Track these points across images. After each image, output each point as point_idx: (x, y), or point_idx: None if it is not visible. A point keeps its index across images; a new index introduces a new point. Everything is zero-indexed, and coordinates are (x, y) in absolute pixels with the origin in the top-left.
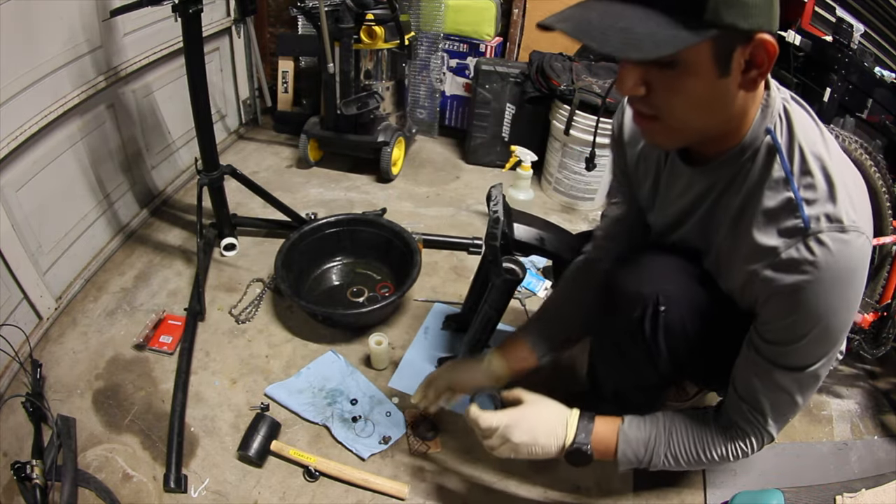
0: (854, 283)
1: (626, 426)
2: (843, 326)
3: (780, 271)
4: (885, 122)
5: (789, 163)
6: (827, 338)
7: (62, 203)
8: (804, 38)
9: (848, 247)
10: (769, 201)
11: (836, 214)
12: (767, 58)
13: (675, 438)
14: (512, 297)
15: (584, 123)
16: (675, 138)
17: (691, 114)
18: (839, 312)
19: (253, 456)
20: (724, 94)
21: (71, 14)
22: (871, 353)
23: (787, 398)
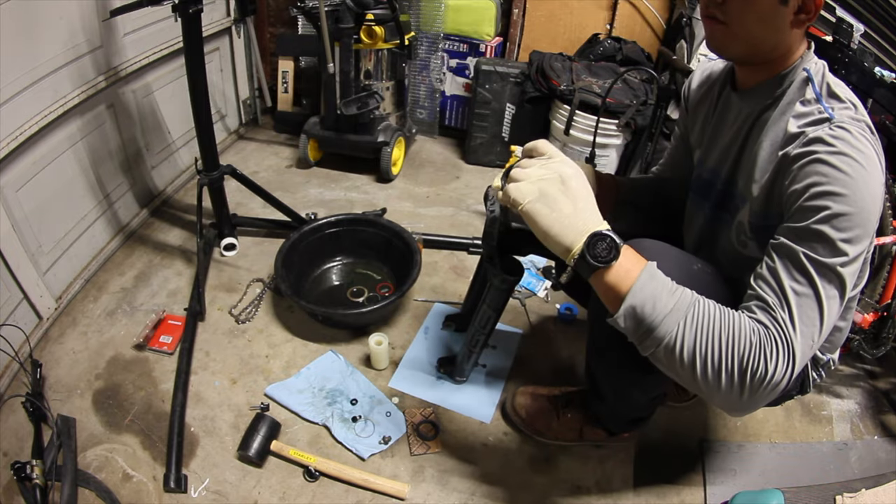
0: (872, 169)
1: (653, 265)
2: (864, 213)
3: (807, 146)
4: (885, 122)
5: (820, 90)
6: (848, 222)
7: (62, 203)
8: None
9: (868, 136)
10: (801, 109)
11: (859, 117)
12: (815, 7)
13: (703, 305)
14: (510, 296)
15: (584, 123)
16: (736, 45)
17: (754, 25)
18: (859, 191)
19: (253, 456)
20: (781, 19)
21: (71, 14)
22: (871, 353)
23: (809, 291)
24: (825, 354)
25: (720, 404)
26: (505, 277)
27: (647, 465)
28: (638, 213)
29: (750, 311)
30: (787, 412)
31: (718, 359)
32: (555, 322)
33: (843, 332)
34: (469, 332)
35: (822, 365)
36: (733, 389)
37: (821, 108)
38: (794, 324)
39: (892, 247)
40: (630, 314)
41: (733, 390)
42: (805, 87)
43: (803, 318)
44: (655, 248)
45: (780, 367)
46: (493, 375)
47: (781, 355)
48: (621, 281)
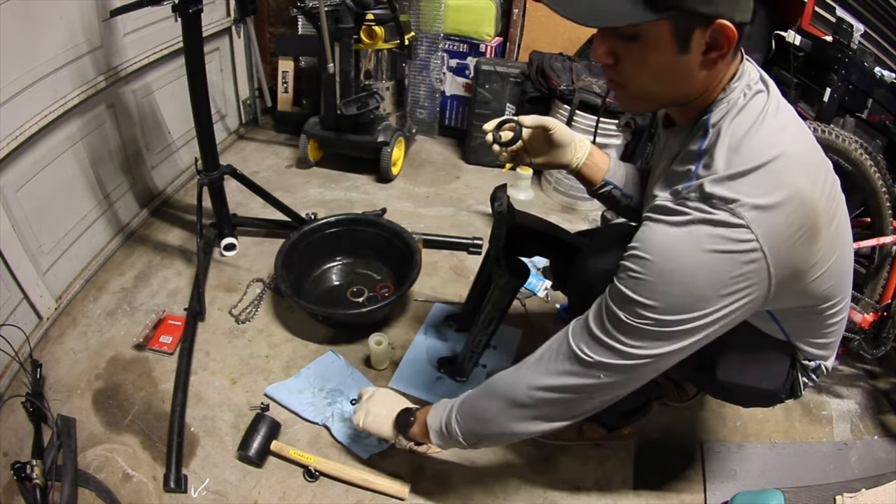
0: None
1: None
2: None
3: (649, 212)
4: (885, 122)
5: (707, 142)
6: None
7: (62, 203)
8: (804, 38)
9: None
10: (678, 167)
11: (709, 192)
12: (727, 41)
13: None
14: (515, 297)
15: (584, 123)
16: (639, 104)
17: (652, 84)
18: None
19: (253, 456)
20: (684, 69)
21: (71, 14)
22: (871, 353)
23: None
24: (814, 360)
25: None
26: (511, 279)
27: (647, 465)
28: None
29: None
30: (787, 412)
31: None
32: (555, 322)
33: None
34: (472, 332)
35: (811, 370)
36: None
37: (690, 170)
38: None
39: (891, 247)
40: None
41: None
42: (697, 135)
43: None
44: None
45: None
46: (493, 375)
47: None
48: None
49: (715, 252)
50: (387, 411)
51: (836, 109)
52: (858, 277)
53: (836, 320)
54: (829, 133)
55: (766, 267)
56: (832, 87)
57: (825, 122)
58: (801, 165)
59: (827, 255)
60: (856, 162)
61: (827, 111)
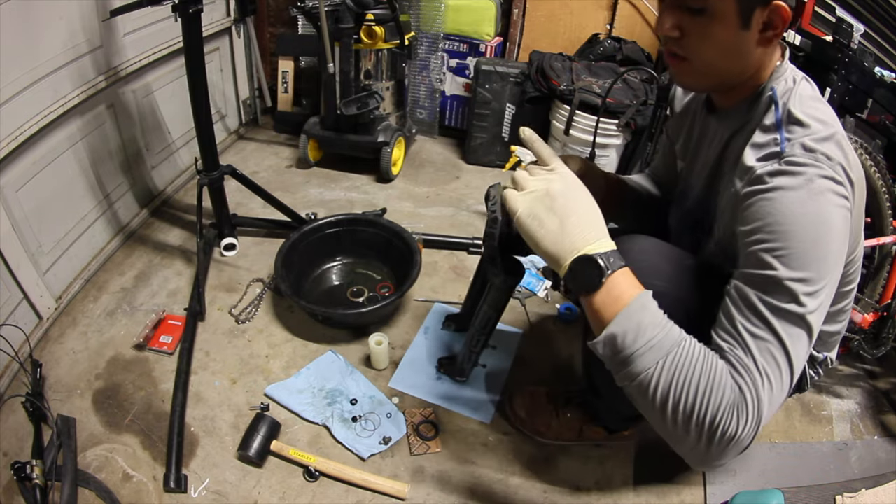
0: (823, 206)
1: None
2: (815, 250)
3: (753, 184)
4: (885, 122)
5: (782, 114)
6: (798, 261)
7: (62, 203)
8: (804, 38)
9: (819, 170)
10: (759, 138)
11: (813, 146)
12: (782, 21)
13: (688, 347)
14: (511, 296)
15: (584, 123)
16: (700, 80)
17: (716, 58)
18: (808, 231)
19: (253, 456)
20: (744, 44)
21: (71, 14)
22: (871, 353)
23: (773, 340)
24: (821, 353)
25: (684, 454)
26: (506, 278)
27: (647, 465)
28: (639, 211)
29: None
30: (787, 412)
31: (691, 408)
32: (555, 322)
33: (839, 333)
34: (469, 333)
35: (819, 363)
36: (700, 442)
37: (777, 139)
38: (764, 382)
39: (892, 247)
40: (609, 342)
41: (700, 443)
42: (768, 110)
43: (771, 372)
44: (648, 243)
45: (748, 428)
46: (493, 375)
47: (751, 416)
48: (607, 307)
49: (836, 207)
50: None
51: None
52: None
53: (847, 308)
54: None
55: (850, 227)
56: (832, 87)
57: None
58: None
59: (861, 233)
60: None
61: None
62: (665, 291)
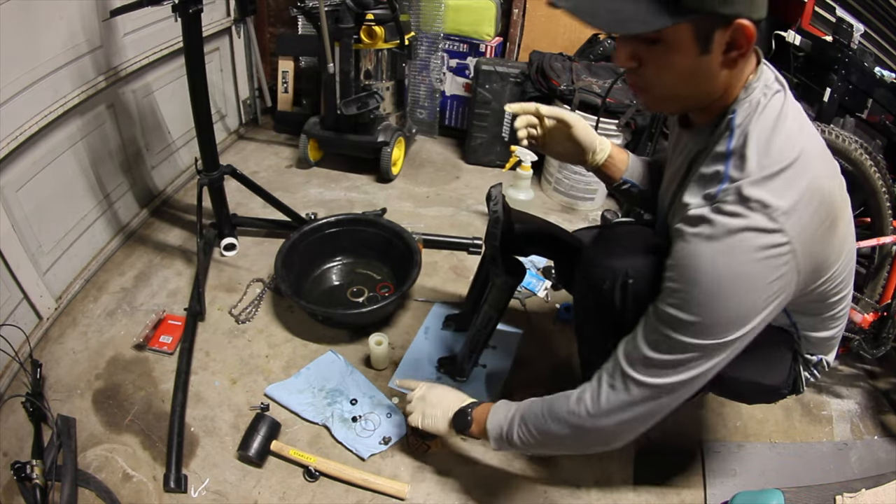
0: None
1: (498, 404)
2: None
3: (682, 223)
4: (885, 122)
5: (735, 142)
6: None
7: (62, 203)
8: (804, 38)
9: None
10: (706, 169)
11: (748, 194)
12: (746, 41)
13: (530, 408)
14: (512, 296)
15: None
16: (664, 106)
17: (677, 86)
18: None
19: (253, 456)
20: (706, 69)
21: (71, 14)
22: (871, 353)
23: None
24: (815, 355)
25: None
26: (507, 278)
27: (647, 465)
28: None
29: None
30: (787, 412)
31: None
32: (555, 322)
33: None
34: (470, 332)
35: (813, 365)
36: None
37: (720, 173)
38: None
39: (892, 247)
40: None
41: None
42: (724, 135)
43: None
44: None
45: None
46: (493, 375)
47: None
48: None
49: (757, 261)
50: (442, 411)
51: (836, 109)
52: (858, 277)
53: (841, 314)
54: (829, 133)
55: (796, 266)
56: (832, 87)
57: (825, 122)
58: (820, 160)
59: (842, 248)
60: (856, 162)
61: (827, 111)
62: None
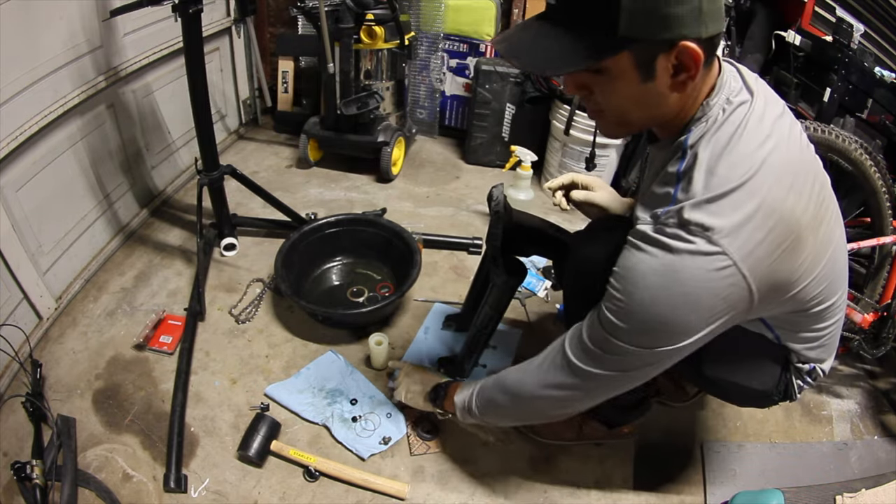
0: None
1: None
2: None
3: (631, 234)
4: (885, 122)
5: (686, 164)
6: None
7: (62, 203)
8: (804, 38)
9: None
10: (658, 189)
11: (688, 218)
12: (693, 63)
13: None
14: (513, 297)
15: (584, 123)
16: (618, 131)
17: (627, 110)
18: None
19: (253, 456)
20: (653, 94)
21: (71, 14)
22: (871, 353)
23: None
24: (808, 363)
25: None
26: (508, 278)
27: (647, 465)
28: None
29: None
30: (787, 412)
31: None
32: (555, 322)
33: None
34: (470, 332)
35: (806, 373)
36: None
37: (670, 194)
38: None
39: (892, 247)
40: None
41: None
42: (676, 156)
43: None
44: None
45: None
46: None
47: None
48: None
49: (695, 286)
50: (421, 387)
51: (836, 109)
52: (858, 277)
53: (830, 322)
54: (829, 133)
55: (747, 286)
56: (832, 87)
57: (825, 122)
58: (779, 179)
59: (815, 262)
60: (856, 162)
61: (827, 111)
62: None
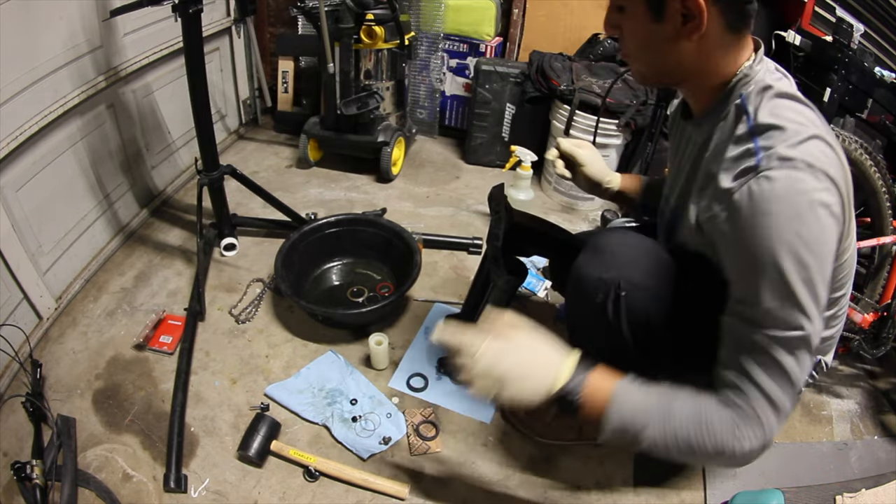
0: (806, 219)
1: (621, 387)
2: (801, 272)
3: (733, 209)
4: (885, 122)
5: (754, 122)
6: (785, 283)
7: (62, 203)
8: (804, 38)
9: (798, 183)
10: (733, 152)
11: (790, 154)
12: (698, 12)
13: (673, 413)
14: (514, 297)
15: (584, 123)
16: (642, 77)
17: (640, 52)
18: (794, 252)
19: (253, 456)
20: (663, 39)
21: (71, 14)
22: (871, 353)
23: (774, 364)
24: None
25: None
26: (509, 278)
27: (647, 465)
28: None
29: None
30: None
31: (694, 452)
32: (555, 322)
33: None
34: None
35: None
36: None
37: (751, 149)
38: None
39: (892, 247)
40: (611, 439)
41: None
42: (739, 120)
43: (772, 393)
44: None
45: (754, 443)
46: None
47: (754, 434)
48: (593, 417)
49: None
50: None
51: (836, 109)
52: (858, 277)
53: (839, 312)
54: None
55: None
56: (832, 87)
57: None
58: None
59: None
60: (856, 162)
61: (827, 111)
62: (643, 284)
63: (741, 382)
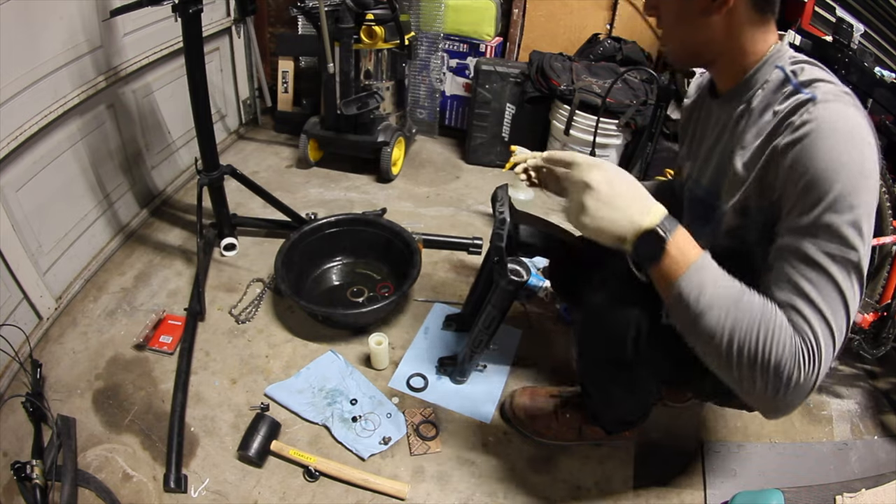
0: (858, 142)
1: (705, 254)
2: (862, 190)
3: (791, 132)
4: (885, 122)
5: (798, 81)
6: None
7: (62, 203)
8: (804, 38)
9: (849, 110)
10: (781, 105)
11: (839, 92)
12: None
13: (749, 301)
14: (516, 297)
15: (584, 123)
16: (677, 57)
17: (673, 29)
18: (853, 170)
19: (253, 456)
20: (693, 11)
21: (71, 14)
22: (871, 353)
23: (830, 282)
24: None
25: (753, 402)
26: (513, 279)
27: (647, 465)
28: None
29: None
30: None
31: (756, 358)
32: (555, 322)
33: None
34: (472, 333)
35: None
36: (768, 390)
37: (803, 93)
38: (823, 328)
39: (892, 247)
40: (676, 303)
41: (768, 391)
42: (781, 83)
43: (831, 317)
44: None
45: (811, 372)
46: (493, 375)
47: (814, 361)
48: (672, 272)
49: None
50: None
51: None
52: None
53: None
54: None
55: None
56: None
57: None
58: None
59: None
60: None
61: None
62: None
63: (796, 301)
